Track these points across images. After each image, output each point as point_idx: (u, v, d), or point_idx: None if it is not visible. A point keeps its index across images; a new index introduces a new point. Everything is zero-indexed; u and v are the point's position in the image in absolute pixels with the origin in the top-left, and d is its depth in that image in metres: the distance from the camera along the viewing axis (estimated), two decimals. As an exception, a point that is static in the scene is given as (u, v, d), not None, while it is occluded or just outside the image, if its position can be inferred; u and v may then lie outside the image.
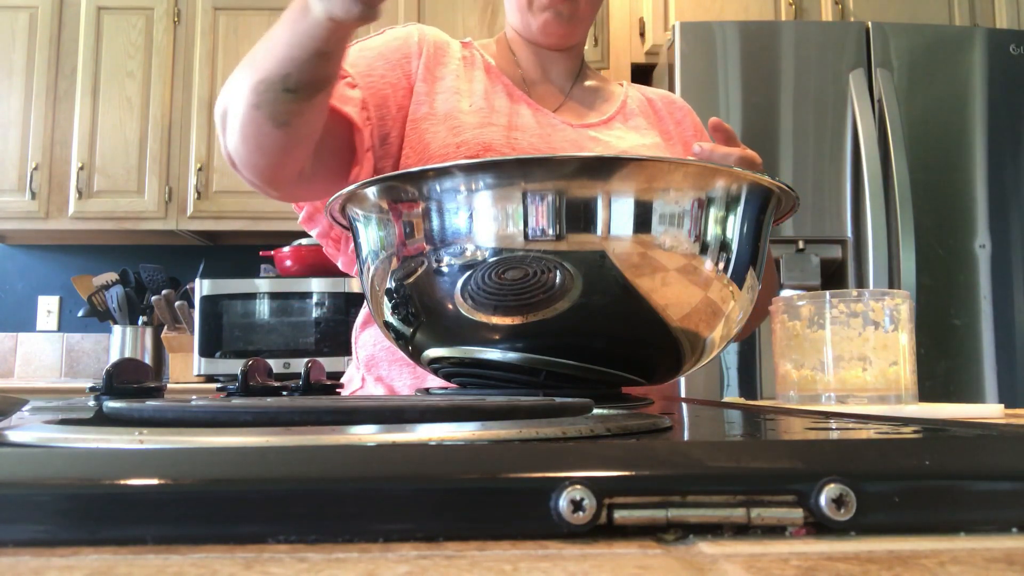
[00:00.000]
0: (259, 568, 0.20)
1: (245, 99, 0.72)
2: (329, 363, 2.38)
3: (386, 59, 0.90)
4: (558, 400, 0.39)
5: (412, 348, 0.61)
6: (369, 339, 0.96)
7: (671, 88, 2.04)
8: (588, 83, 1.03)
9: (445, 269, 0.53)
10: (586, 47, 2.64)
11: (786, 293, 1.88)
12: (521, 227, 0.51)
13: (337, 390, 0.63)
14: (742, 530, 0.23)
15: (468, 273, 0.52)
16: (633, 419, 0.34)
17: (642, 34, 2.52)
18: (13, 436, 0.28)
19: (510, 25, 1.00)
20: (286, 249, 2.57)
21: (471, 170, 0.52)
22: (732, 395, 1.91)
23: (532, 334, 0.54)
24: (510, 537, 0.23)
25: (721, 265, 0.54)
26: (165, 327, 2.61)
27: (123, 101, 2.70)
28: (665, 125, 1.01)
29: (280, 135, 0.73)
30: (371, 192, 0.57)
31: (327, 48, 0.68)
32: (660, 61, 2.38)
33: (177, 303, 2.58)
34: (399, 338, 0.61)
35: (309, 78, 0.70)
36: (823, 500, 0.23)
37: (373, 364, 0.94)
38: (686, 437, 0.35)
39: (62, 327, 2.96)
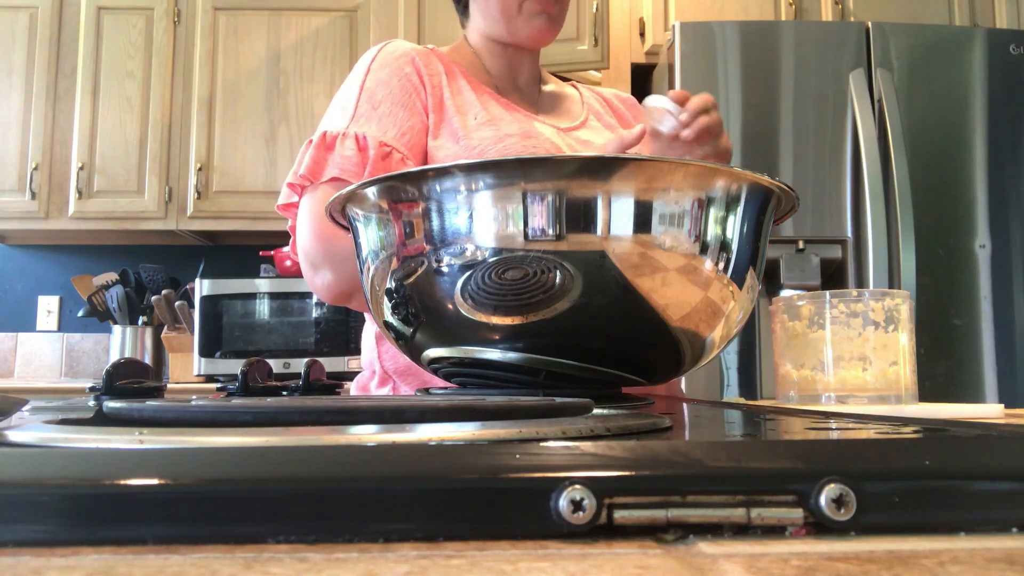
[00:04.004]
0: (259, 568, 0.20)
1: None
2: (329, 363, 2.38)
3: (404, 106, 0.91)
4: (558, 400, 0.39)
5: (412, 348, 0.61)
6: (395, 350, 0.95)
7: (671, 88, 2.04)
8: (547, 87, 1.04)
9: (445, 269, 0.53)
10: (586, 47, 2.64)
11: (786, 293, 1.89)
12: (521, 227, 0.51)
13: (337, 390, 0.63)
14: (742, 530, 0.23)
15: (468, 273, 0.52)
16: (633, 419, 0.34)
17: (642, 34, 2.52)
18: (13, 436, 0.28)
19: (480, 30, 0.99)
20: (286, 249, 2.57)
21: (471, 170, 0.52)
22: (732, 395, 1.91)
23: (532, 334, 0.54)
24: (510, 537, 0.23)
25: (721, 265, 0.54)
26: (165, 327, 2.62)
27: (123, 101, 2.70)
28: (627, 123, 1.02)
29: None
30: (371, 192, 0.57)
31: None
32: (660, 61, 2.38)
33: (177, 303, 2.58)
34: (399, 338, 0.61)
35: None
36: (823, 500, 0.23)
37: (407, 374, 0.94)
38: (686, 437, 0.35)
39: (62, 327, 2.96)
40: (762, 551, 0.22)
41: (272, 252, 2.61)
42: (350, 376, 2.39)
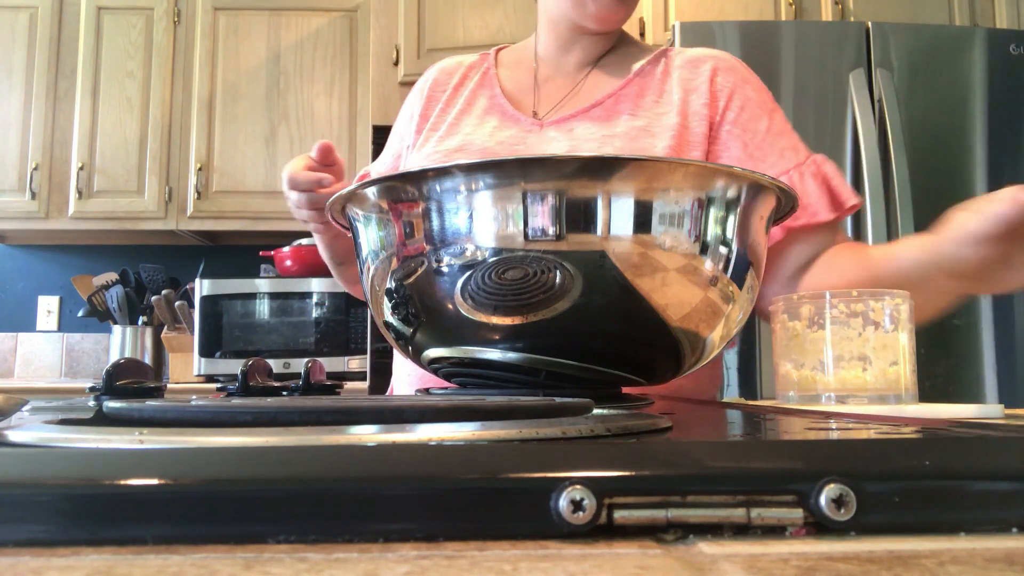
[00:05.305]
0: (259, 568, 0.20)
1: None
2: (329, 363, 2.38)
3: (398, 133, 1.04)
4: (558, 400, 0.39)
5: (412, 348, 0.61)
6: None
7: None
8: (610, 63, 0.98)
9: (445, 269, 0.53)
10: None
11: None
12: (521, 227, 0.51)
13: (337, 390, 0.63)
14: (742, 530, 0.23)
15: (468, 273, 0.52)
16: (633, 419, 0.34)
17: (642, 34, 2.52)
18: (13, 436, 0.28)
19: (546, 12, 0.98)
20: (286, 249, 2.57)
21: (471, 170, 0.52)
22: (732, 395, 1.91)
23: (532, 334, 0.54)
24: (510, 537, 0.23)
25: (721, 265, 0.54)
26: (165, 327, 2.61)
27: (123, 101, 2.70)
28: (669, 98, 0.93)
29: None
30: (371, 192, 0.57)
31: (328, 239, 0.97)
32: (660, 61, 2.38)
33: (177, 303, 2.58)
34: (399, 338, 0.61)
35: (342, 254, 1.00)
36: (823, 500, 0.23)
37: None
38: (686, 437, 0.35)
39: (62, 327, 2.96)
40: (762, 551, 0.22)
41: (272, 252, 2.61)
42: (350, 376, 2.40)
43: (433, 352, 0.59)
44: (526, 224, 0.51)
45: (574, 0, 0.93)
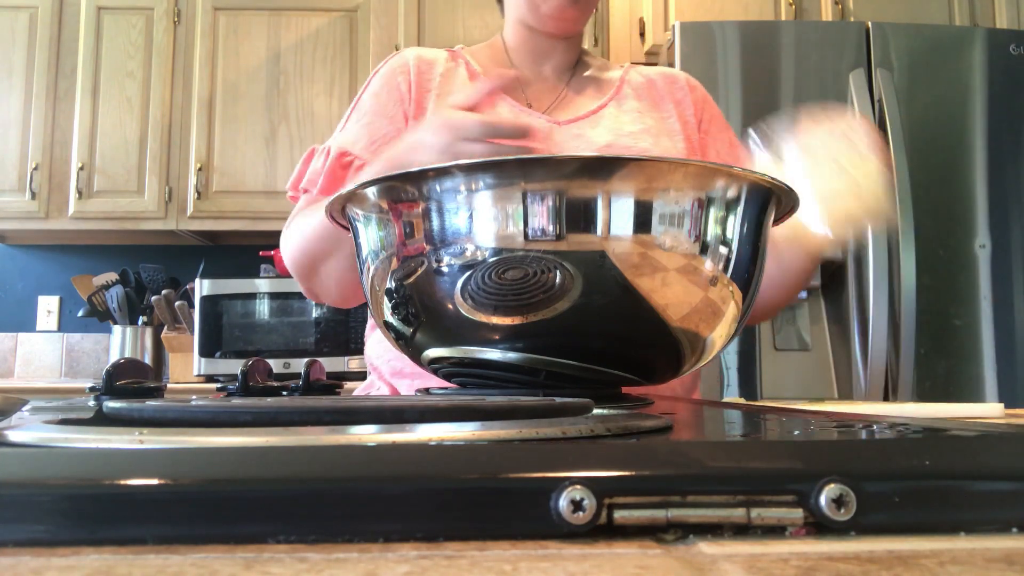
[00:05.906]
0: (259, 568, 0.20)
1: (346, 260, 0.84)
2: (329, 363, 2.38)
3: (385, 114, 0.94)
4: (558, 400, 0.39)
5: (412, 348, 0.61)
6: (385, 351, 0.96)
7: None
8: (587, 73, 1.02)
9: (445, 269, 0.53)
10: (586, 46, 2.64)
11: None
12: (521, 227, 0.51)
13: (337, 390, 0.63)
14: (742, 530, 0.23)
15: (468, 273, 0.52)
16: (633, 419, 0.34)
17: (642, 34, 2.52)
18: (13, 436, 0.28)
19: (511, 20, 1.00)
20: (286, 249, 2.57)
21: (471, 170, 0.52)
22: (732, 395, 1.91)
23: (532, 334, 0.54)
24: (510, 537, 0.23)
25: (721, 265, 0.54)
26: (165, 327, 2.61)
27: (123, 101, 2.70)
28: (664, 105, 0.99)
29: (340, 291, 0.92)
30: (371, 192, 0.57)
31: None
32: (660, 61, 2.38)
33: (177, 303, 2.58)
34: (399, 338, 0.61)
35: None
36: (823, 500, 0.23)
37: (397, 374, 0.95)
38: (686, 437, 0.35)
39: (62, 327, 2.96)
40: (762, 551, 0.22)
41: (272, 252, 2.61)
42: (350, 376, 2.39)
43: (433, 352, 0.59)
44: (526, 224, 0.51)
45: (529, 5, 0.94)
